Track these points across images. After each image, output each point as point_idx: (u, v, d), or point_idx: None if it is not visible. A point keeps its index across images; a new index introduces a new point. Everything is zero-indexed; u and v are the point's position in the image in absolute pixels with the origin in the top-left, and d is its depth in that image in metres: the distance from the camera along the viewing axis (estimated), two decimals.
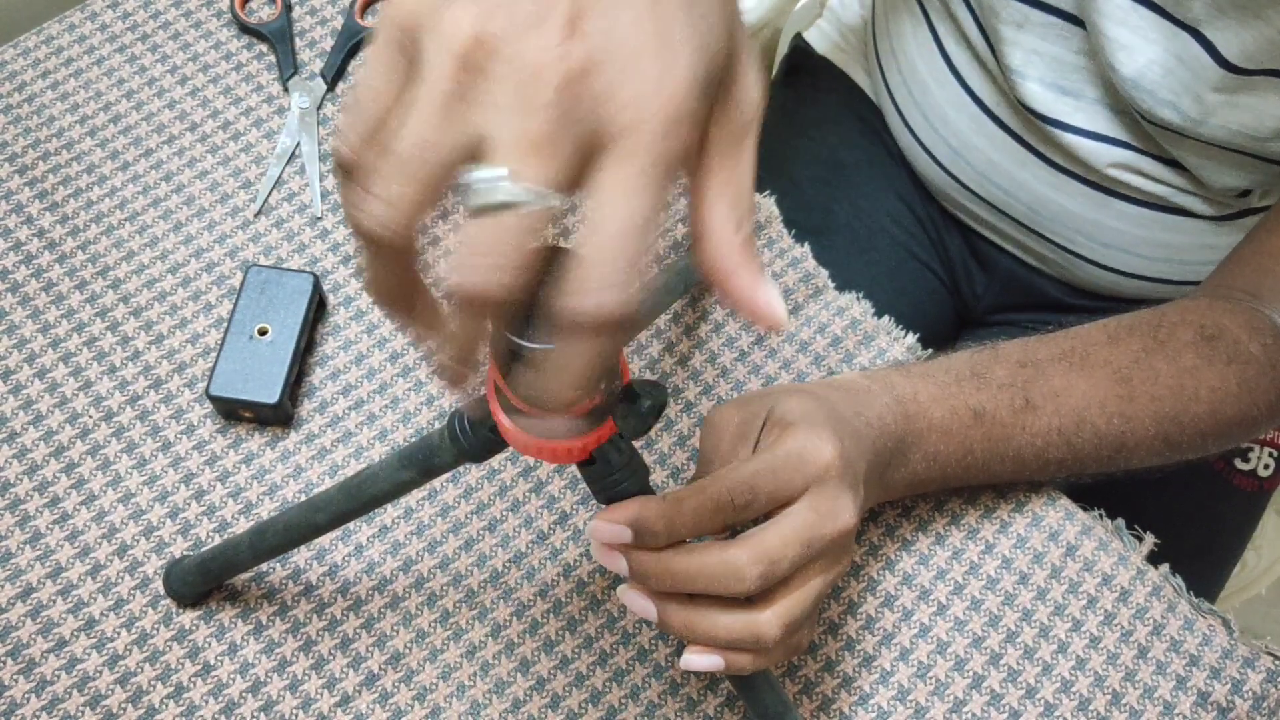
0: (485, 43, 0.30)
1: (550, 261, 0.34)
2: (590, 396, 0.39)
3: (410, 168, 0.31)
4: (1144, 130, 0.71)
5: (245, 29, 0.76)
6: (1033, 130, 0.74)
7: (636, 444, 0.45)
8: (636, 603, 0.46)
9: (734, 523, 0.45)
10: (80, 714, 0.56)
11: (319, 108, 0.74)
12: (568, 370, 0.32)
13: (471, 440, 0.45)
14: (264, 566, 0.60)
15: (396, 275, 0.33)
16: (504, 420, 0.41)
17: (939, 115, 0.79)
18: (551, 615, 0.60)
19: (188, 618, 0.59)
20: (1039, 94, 0.71)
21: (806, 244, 0.72)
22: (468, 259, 0.30)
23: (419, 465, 0.48)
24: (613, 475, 0.44)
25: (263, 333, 0.64)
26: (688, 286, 0.66)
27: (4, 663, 0.57)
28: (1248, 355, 0.60)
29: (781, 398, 0.52)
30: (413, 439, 0.64)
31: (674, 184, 0.32)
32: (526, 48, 0.30)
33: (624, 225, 0.30)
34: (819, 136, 0.90)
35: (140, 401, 0.64)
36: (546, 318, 0.34)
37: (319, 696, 0.57)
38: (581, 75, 0.30)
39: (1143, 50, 0.65)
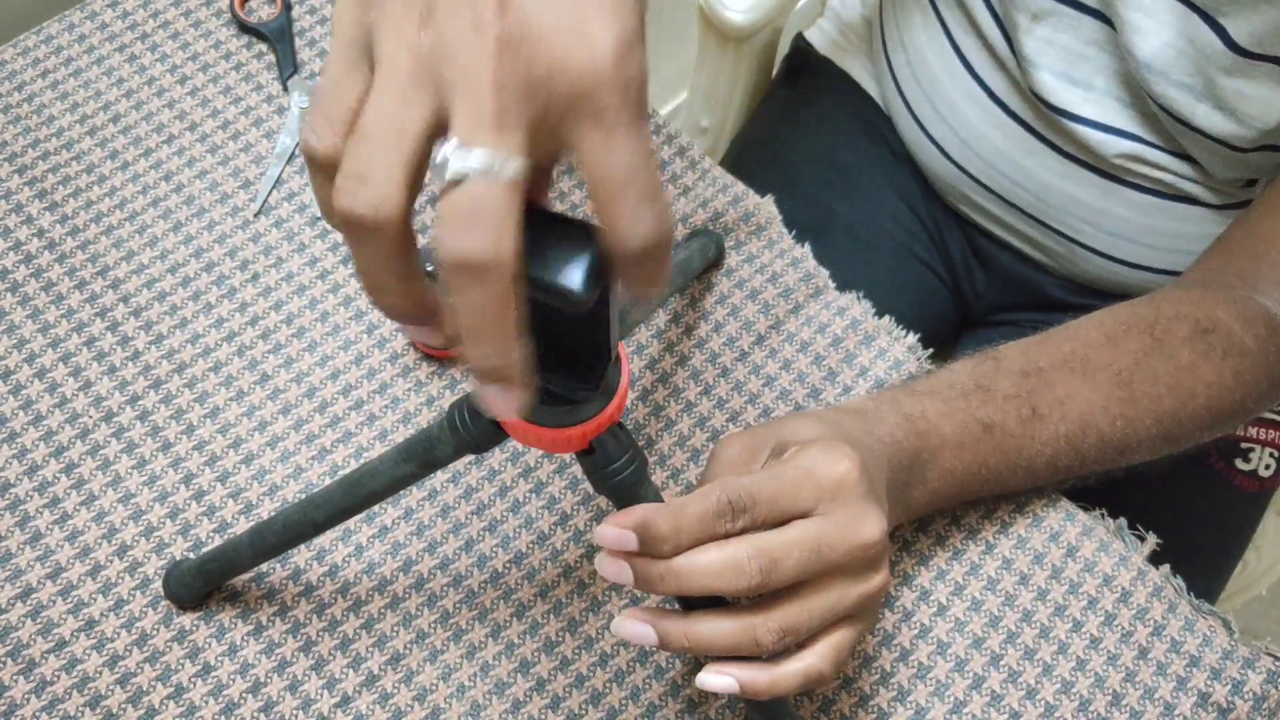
0: (430, 26, 0.32)
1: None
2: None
3: (386, 145, 0.32)
4: (1152, 121, 0.71)
5: (245, 28, 0.76)
6: (1042, 119, 0.75)
7: (638, 444, 0.45)
8: (634, 630, 0.46)
9: (735, 531, 0.45)
10: (80, 714, 0.56)
11: None
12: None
13: (472, 431, 0.45)
14: (264, 567, 0.60)
15: (393, 269, 0.34)
16: None
17: (948, 106, 0.80)
18: (552, 616, 0.60)
19: (188, 618, 0.59)
20: (1049, 83, 0.72)
21: (807, 244, 0.72)
22: (455, 230, 0.31)
23: (419, 458, 0.48)
24: (612, 465, 0.44)
25: None
26: (686, 281, 0.66)
27: (4, 663, 0.57)
28: (1242, 348, 0.61)
29: (791, 423, 0.52)
30: None
31: (648, 123, 0.33)
32: (463, 24, 0.31)
33: (626, 171, 0.32)
34: (819, 136, 0.90)
35: (140, 401, 0.64)
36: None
37: (319, 697, 0.57)
38: (519, 44, 0.31)
39: (1157, 33, 0.66)
